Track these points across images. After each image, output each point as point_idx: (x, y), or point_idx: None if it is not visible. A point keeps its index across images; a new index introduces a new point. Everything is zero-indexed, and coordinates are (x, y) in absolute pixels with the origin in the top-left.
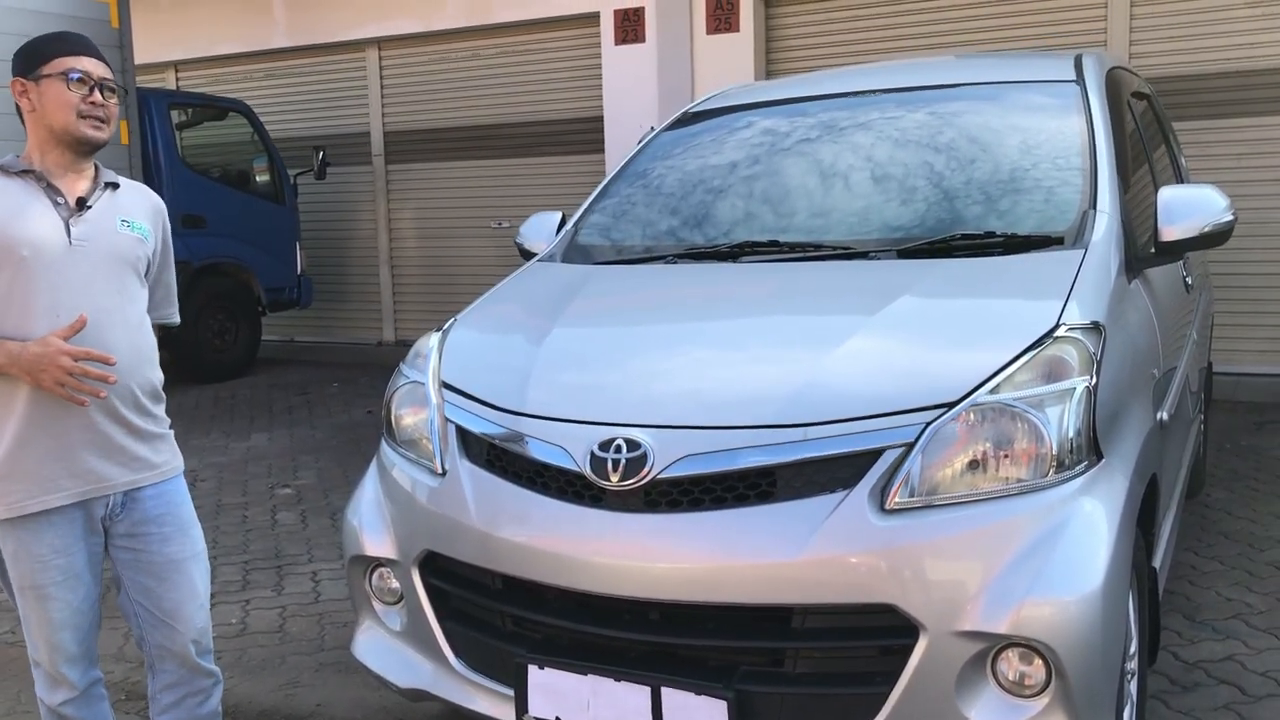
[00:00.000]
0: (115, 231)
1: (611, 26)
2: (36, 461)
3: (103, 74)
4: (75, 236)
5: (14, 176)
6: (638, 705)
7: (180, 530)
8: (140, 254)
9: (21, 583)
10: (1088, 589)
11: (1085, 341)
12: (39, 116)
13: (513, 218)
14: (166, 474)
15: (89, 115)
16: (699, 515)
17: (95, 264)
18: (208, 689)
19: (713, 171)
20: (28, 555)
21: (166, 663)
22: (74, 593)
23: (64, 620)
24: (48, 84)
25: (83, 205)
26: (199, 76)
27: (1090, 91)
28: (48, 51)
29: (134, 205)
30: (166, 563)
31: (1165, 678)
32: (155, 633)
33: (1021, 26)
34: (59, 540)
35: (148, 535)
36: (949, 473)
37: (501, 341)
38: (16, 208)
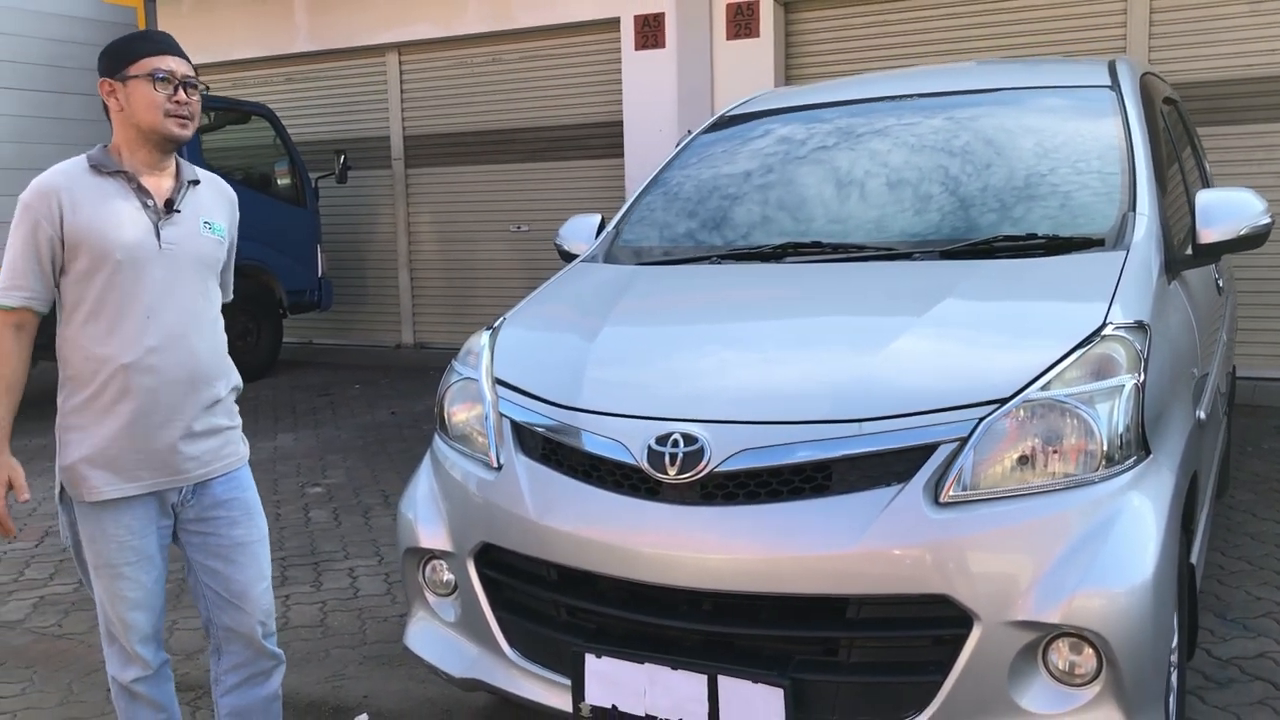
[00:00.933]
0: (199, 234)
1: (631, 32)
2: (120, 454)
3: (186, 71)
4: (165, 240)
5: (106, 176)
6: (694, 693)
7: (247, 514)
8: (219, 255)
9: (98, 562)
10: (1138, 580)
11: (1132, 340)
12: (126, 116)
13: (531, 222)
14: (233, 464)
15: (175, 114)
16: (755, 508)
17: (182, 267)
18: (269, 670)
19: (753, 173)
20: (104, 537)
21: (233, 644)
22: (146, 574)
23: (137, 600)
24: (135, 84)
25: (170, 207)
26: (221, 80)
27: (1126, 96)
28: (133, 52)
29: (212, 202)
30: (234, 545)
31: (1200, 674)
32: (223, 615)
33: (1040, 33)
34: (135, 523)
35: (216, 519)
36: (1001, 467)
37: (553, 339)
38: (111, 212)
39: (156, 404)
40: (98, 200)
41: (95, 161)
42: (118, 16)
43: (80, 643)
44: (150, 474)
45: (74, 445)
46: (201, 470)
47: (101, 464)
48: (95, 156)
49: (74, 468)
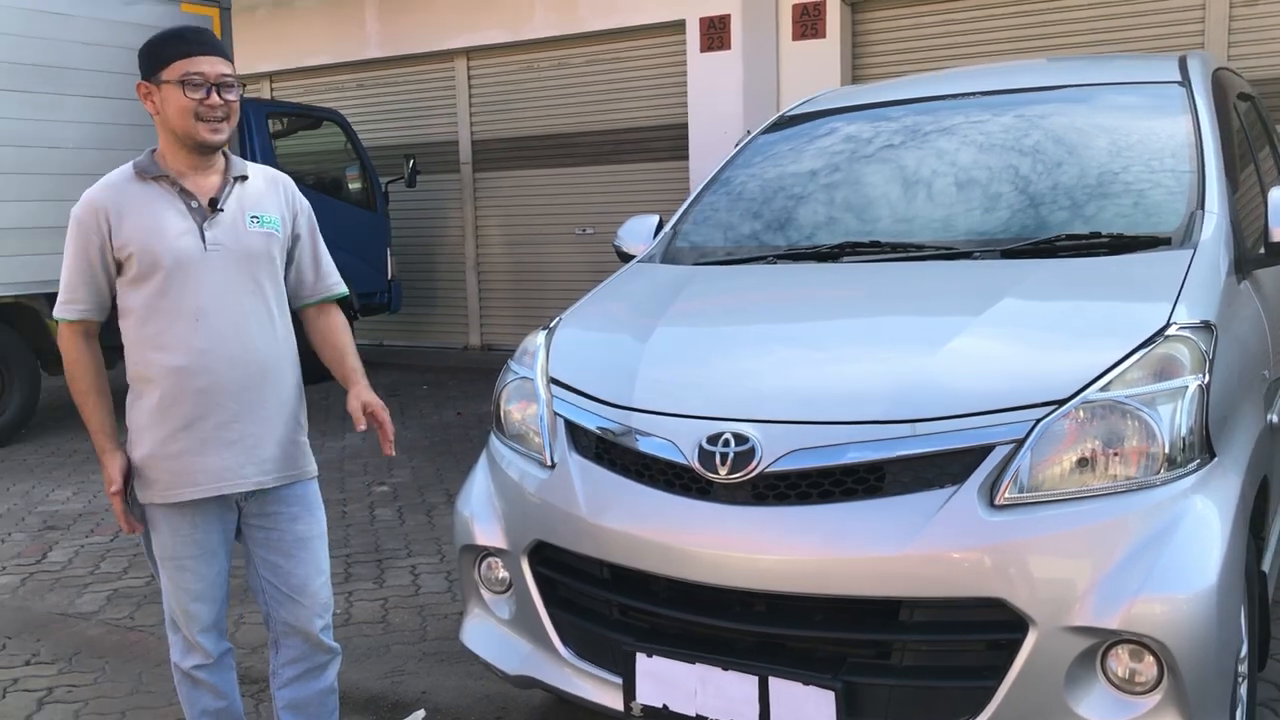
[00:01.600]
0: (245, 230)
1: (697, 34)
2: (179, 457)
3: (220, 71)
4: (209, 241)
5: (150, 181)
6: (745, 694)
7: (308, 510)
8: (272, 248)
9: (163, 554)
10: (1201, 586)
11: (1197, 340)
12: (162, 120)
13: (598, 224)
14: (297, 478)
15: (206, 119)
16: (807, 509)
17: (230, 265)
18: (325, 664)
19: (811, 173)
20: (171, 531)
21: (291, 638)
22: (209, 567)
23: (198, 592)
24: (167, 89)
25: (215, 206)
26: (293, 87)
27: (1196, 92)
28: (164, 55)
29: (262, 195)
30: (295, 540)
31: (1275, 686)
32: (281, 609)
33: (1115, 30)
34: (199, 519)
35: (278, 515)
36: (1059, 470)
37: (607, 339)
38: (155, 219)
39: (212, 407)
40: (142, 208)
41: (140, 168)
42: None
43: (151, 635)
44: (208, 478)
45: (137, 446)
46: (264, 479)
47: (162, 467)
48: (141, 162)
49: (137, 469)
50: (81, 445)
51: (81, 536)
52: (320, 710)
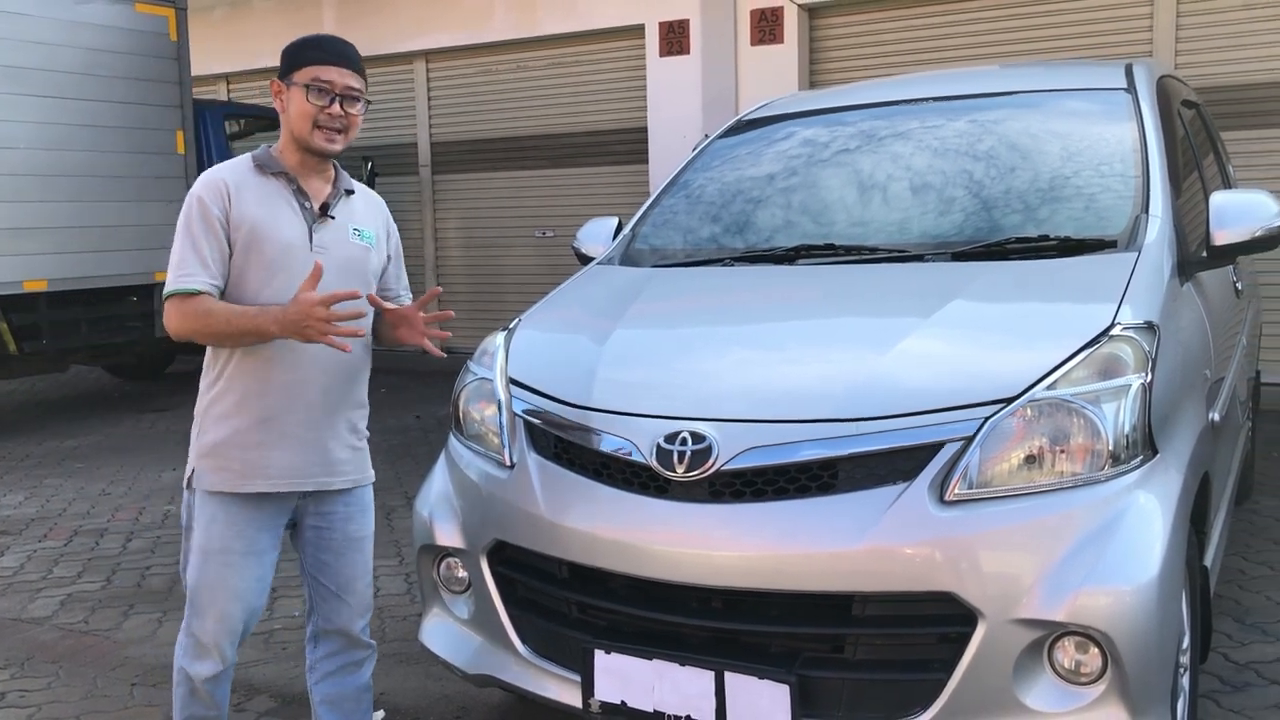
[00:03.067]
0: (349, 240)
1: (656, 38)
2: (253, 448)
3: (347, 83)
4: (316, 243)
5: (269, 176)
6: (702, 689)
7: (362, 510)
8: (369, 262)
9: (209, 546)
10: (1144, 579)
11: (1140, 340)
12: (286, 119)
13: (557, 227)
14: (360, 482)
15: (325, 126)
16: (762, 505)
17: (330, 270)
18: (362, 660)
19: (768, 177)
20: (229, 522)
21: (330, 634)
22: (255, 568)
23: (240, 590)
24: (294, 91)
25: (325, 211)
26: (250, 88)
27: (1142, 99)
28: (299, 58)
29: (365, 214)
30: (346, 540)
31: (1216, 678)
32: (325, 605)
33: (1066, 37)
34: (259, 514)
35: (334, 514)
36: (1007, 466)
37: (566, 340)
38: (272, 209)
39: (295, 403)
40: (259, 196)
41: (259, 161)
42: (150, 25)
43: (106, 639)
44: (278, 472)
45: (210, 431)
46: (331, 479)
47: (236, 456)
48: (260, 157)
49: (212, 453)
50: (34, 450)
51: (34, 541)
52: (356, 707)
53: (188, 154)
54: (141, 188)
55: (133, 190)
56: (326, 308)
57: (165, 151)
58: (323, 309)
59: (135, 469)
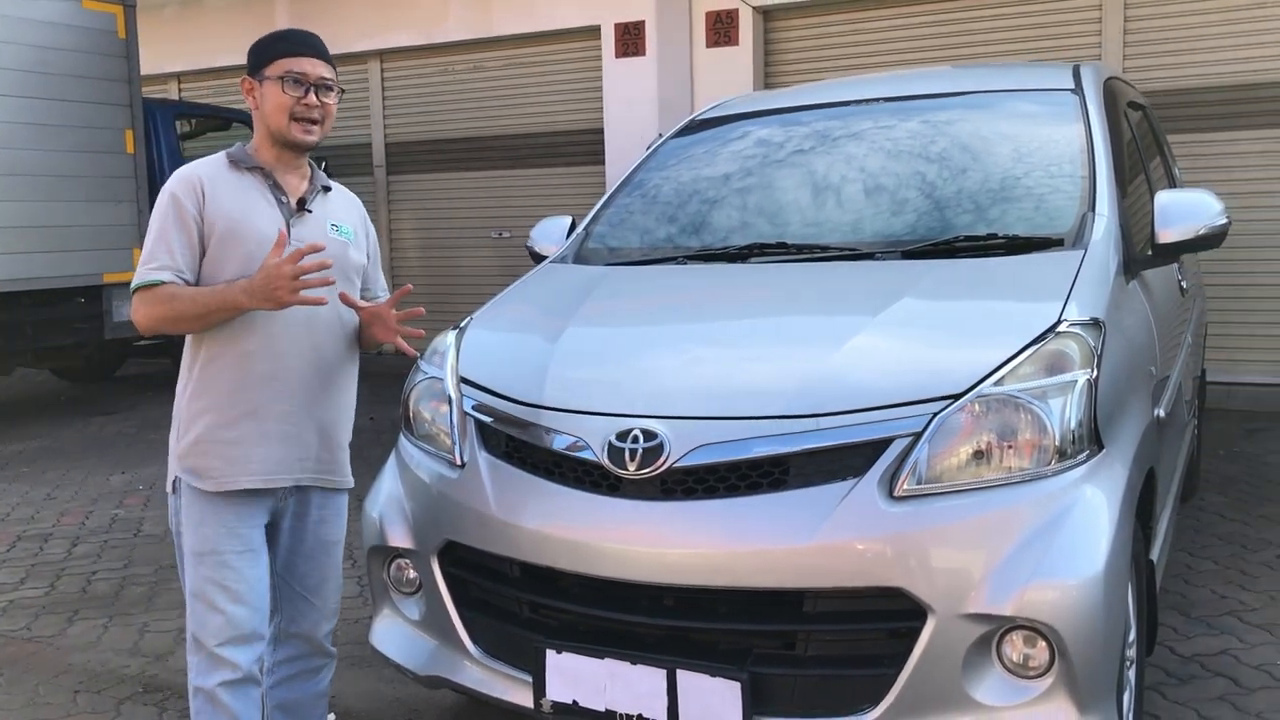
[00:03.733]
0: (327, 235)
1: (612, 40)
2: (236, 444)
3: (321, 74)
4: (294, 236)
5: (244, 172)
6: (654, 687)
7: (336, 515)
8: (348, 257)
9: (202, 548)
10: (1090, 573)
11: (1086, 336)
12: (260, 116)
13: (513, 228)
14: (341, 484)
15: (301, 118)
16: (714, 503)
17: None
18: (321, 667)
19: (720, 176)
20: (215, 520)
21: (293, 637)
22: (252, 567)
23: (239, 593)
24: (268, 85)
25: (302, 206)
26: (201, 87)
27: (1088, 100)
28: (270, 52)
29: (342, 210)
30: (319, 544)
31: (1162, 670)
32: (291, 607)
33: (1016, 40)
34: (246, 511)
35: (308, 516)
36: (955, 461)
37: (518, 339)
38: (248, 204)
39: (276, 396)
40: (235, 191)
41: (234, 158)
42: (98, 23)
43: (49, 645)
44: (268, 469)
45: (190, 429)
46: (315, 476)
47: (218, 453)
48: (234, 153)
49: (193, 451)
50: None
51: None
52: (311, 713)
53: (137, 154)
54: (89, 188)
55: (80, 190)
56: (294, 264)
57: (114, 151)
58: (289, 266)
59: (82, 473)
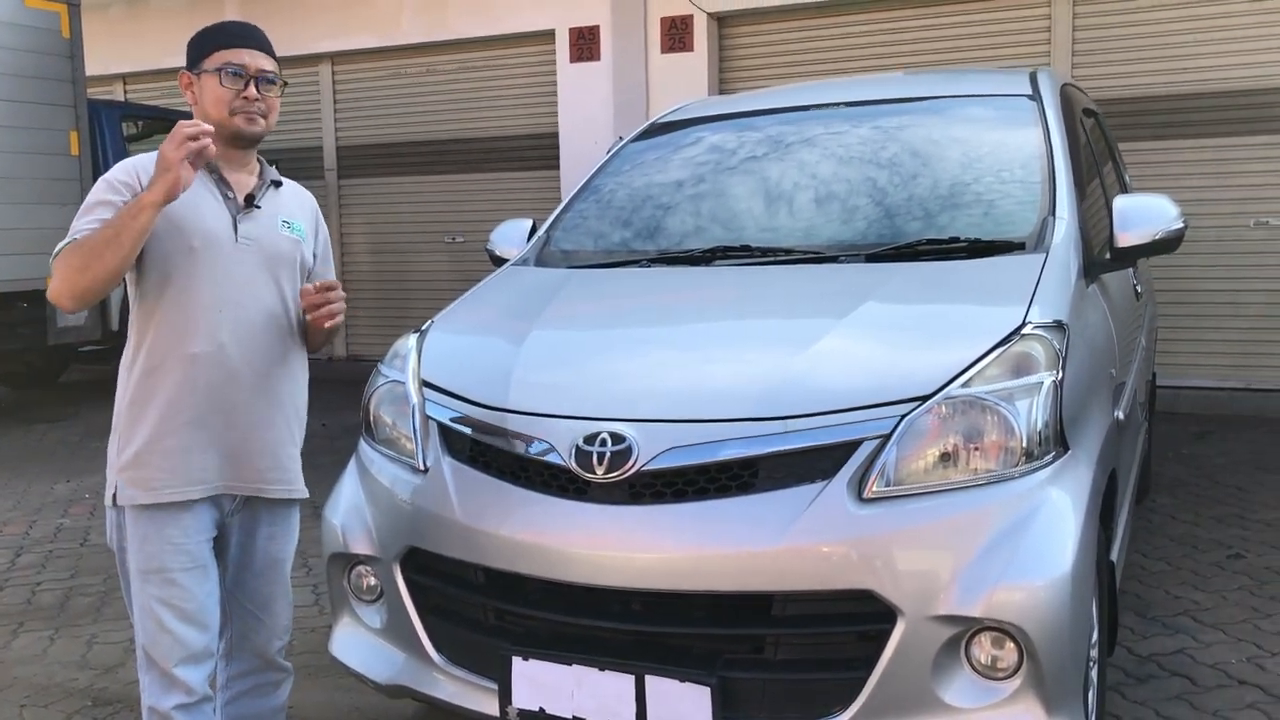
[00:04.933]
0: (277, 232)
1: (567, 44)
2: (179, 453)
3: (261, 65)
4: (241, 234)
5: None
6: (622, 694)
7: (286, 530)
8: (299, 255)
9: (147, 566)
10: (1057, 574)
11: (1050, 339)
12: (200, 111)
13: (467, 233)
14: (293, 493)
15: (243, 110)
16: (682, 506)
17: (258, 263)
18: (279, 681)
19: (683, 179)
20: (159, 537)
21: (244, 652)
22: (200, 584)
23: (188, 612)
24: (206, 79)
25: (251, 202)
26: (148, 89)
27: (1046, 105)
28: (207, 44)
29: (294, 205)
30: (268, 560)
31: (1121, 670)
32: (241, 623)
33: (966, 49)
34: (190, 524)
35: (257, 532)
36: (923, 463)
37: (481, 342)
38: (192, 199)
39: (221, 403)
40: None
41: None
42: (41, 22)
43: None
44: (208, 476)
45: (131, 440)
46: (262, 485)
47: (159, 464)
48: None
49: (134, 462)
50: None
51: None
52: None
53: (82, 156)
54: (33, 190)
55: (23, 192)
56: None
57: (58, 153)
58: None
59: (25, 481)
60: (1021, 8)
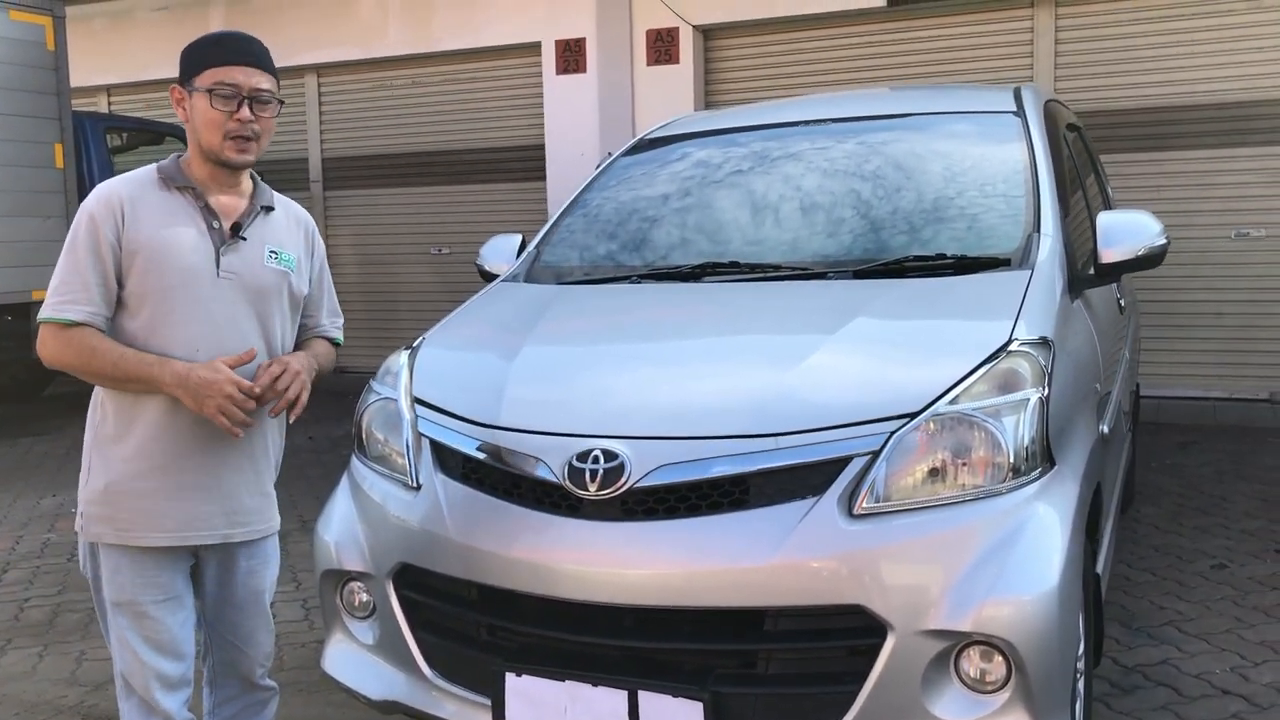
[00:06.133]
0: (263, 264)
1: (553, 56)
2: (148, 496)
3: (256, 84)
4: (223, 267)
5: (174, 191)
6: (615, 709)
7: (265, 564)
8: (286, 287)
9: (119, 598)
10: (1045, 588)
11: (1036, 355)
12: (191, 129)
13: (453, 245)
14: (265, 533)
15: (235, 135)
16: (674, 523)
17: (239, 298)
18: (266, 700)
19: (673, 195)
20: (131, 569)
21: (228, 679)
22: (173, 615)
23: (162, 643)
24: (197, 98)
25: (237, 232)
26: (133, 100)
27: (1031, 122)
28: (201, 59)
29: (286, 231)
30: (249, 594)
31: (1107, 681)
32: (223, 652)
33: (950, 61)
34: (165, 558)
35: (237, 568)
36: (912, 479)
37: (473, 359)
38: (173, 229)
39: (195, 449)
40: (160, 216)
41: (165, 174)
42: (26, 34)
43: None
44: (177, 527)
45: (100, 474)
46: (233, 531)
47: (129, 505)
48: (166, 168)
49: (102, 499)
50: None
51: None
52: None
53: (66, 168)
54: (17, 202)
55: (8, 205)
56: (239, 392)
57: (43, 165)
58: (235, 389)
59: (11, 496)
60: (1004, 21)
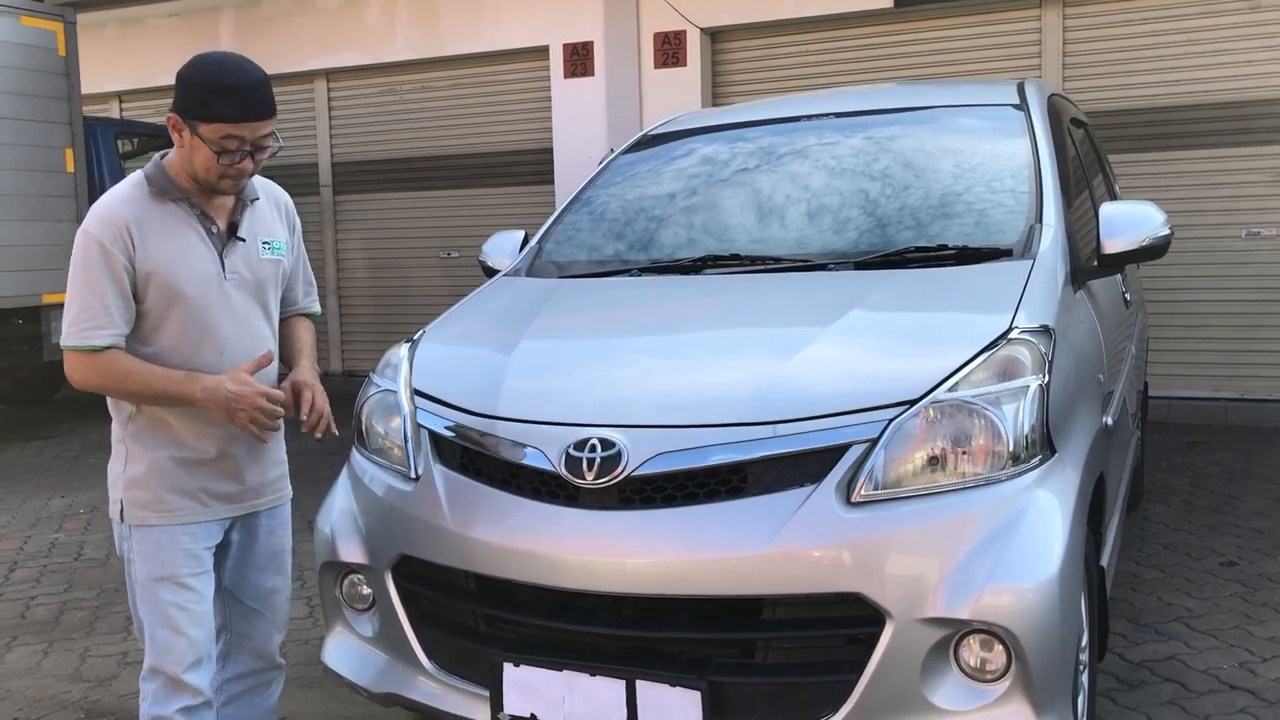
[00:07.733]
0: (260, 258)
1: (561, 60)
2: (189, 478)
3: (260, 135)
4: (229, 269)
5: (170, 203)
6: (613, 699)
7: (283, 524)
8: (279, 272)
9: (160, 573)
10: (1044, 576)
11: (1037, 343)
12: (185, 154)
13: (462, 248)
14: (283, 500)
15: (229, 175)
16: (672, 511)
17: (246, 293)
18: (271, 680)
19: (674, 189)
20: (173, 545)
21: (243, 652)
22: (207, 587)
23: (199, 615)
24: (199, 143)
25: (234, 232)
26: (144, 106)
27: (1034, 114)
28: (209, 109)
29: (271, 218)
30: (268, 554)
31: (1113, 677)
32: (242, 621)
33: (957, 64)
34: (201, 530)
35: (257, 529)
36: (911, 467)
37: (472, 351)
38: (181, 244)
39: (230, 439)
40: (164, 232)
41: (157, 185)
42: (38, 40)
43: None
44: (218, 503)
45: (139, 461)
46: (260, 500)
47: (171, 485)
48: (155, 179)
49: (141, 484)
50: None
51: None
52: None
53: (77, 173)
54: (29, 207)
55: (19, 209)
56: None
57: (54, 170)
58: (265, 401)
59: (20, 496)
60: (1012, 22)
